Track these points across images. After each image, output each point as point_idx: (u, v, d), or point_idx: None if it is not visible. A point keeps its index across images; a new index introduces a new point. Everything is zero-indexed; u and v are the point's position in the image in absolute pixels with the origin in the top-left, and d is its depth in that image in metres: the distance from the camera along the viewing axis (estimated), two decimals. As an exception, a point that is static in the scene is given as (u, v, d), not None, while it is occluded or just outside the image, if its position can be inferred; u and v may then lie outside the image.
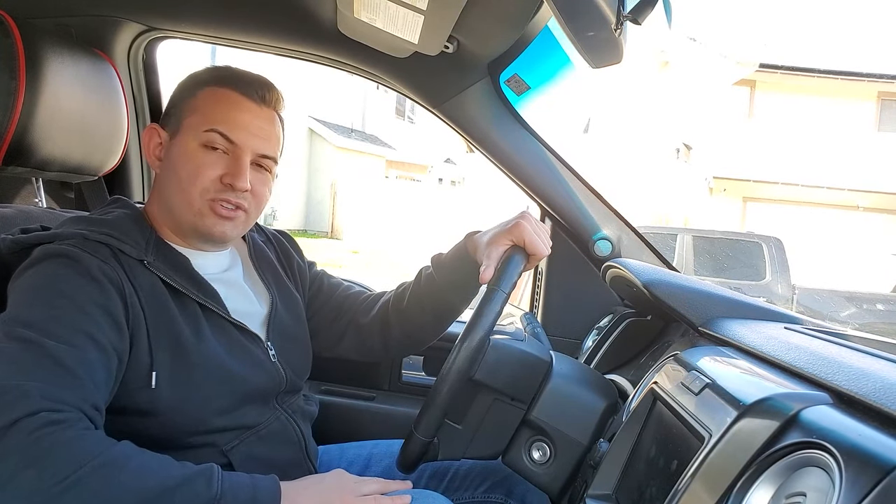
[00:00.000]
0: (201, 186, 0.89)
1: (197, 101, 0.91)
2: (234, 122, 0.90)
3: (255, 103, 0.93)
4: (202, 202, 0.89)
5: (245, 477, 0.74)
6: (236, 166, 0.89)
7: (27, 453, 0.62)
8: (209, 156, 0.89)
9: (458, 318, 1.13)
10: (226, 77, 0.93)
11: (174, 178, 0.90)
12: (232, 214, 0.91)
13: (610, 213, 1.46)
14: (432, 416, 0.88)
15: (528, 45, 1.32)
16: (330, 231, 15.53)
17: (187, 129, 0.90)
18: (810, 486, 0.52)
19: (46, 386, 0.67)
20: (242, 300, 0.97)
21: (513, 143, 1.43)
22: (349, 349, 1.15)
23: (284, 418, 0.96)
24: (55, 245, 0.81)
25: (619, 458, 0.86)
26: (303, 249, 1.18)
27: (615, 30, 0.76)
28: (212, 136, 0.89)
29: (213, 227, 0.90)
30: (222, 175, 0.89)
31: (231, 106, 0.91)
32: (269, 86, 0.95)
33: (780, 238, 6.45)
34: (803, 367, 0.69)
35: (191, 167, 0.89)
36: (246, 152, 0.90)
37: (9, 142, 0.96)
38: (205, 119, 0.90)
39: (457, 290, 1.07)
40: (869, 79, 13.16)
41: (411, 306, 1.10)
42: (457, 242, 1.06)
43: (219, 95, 0.91)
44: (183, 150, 0.90)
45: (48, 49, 1.01)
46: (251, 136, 0.91)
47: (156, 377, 0.81)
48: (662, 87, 12.75)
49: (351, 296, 1.16)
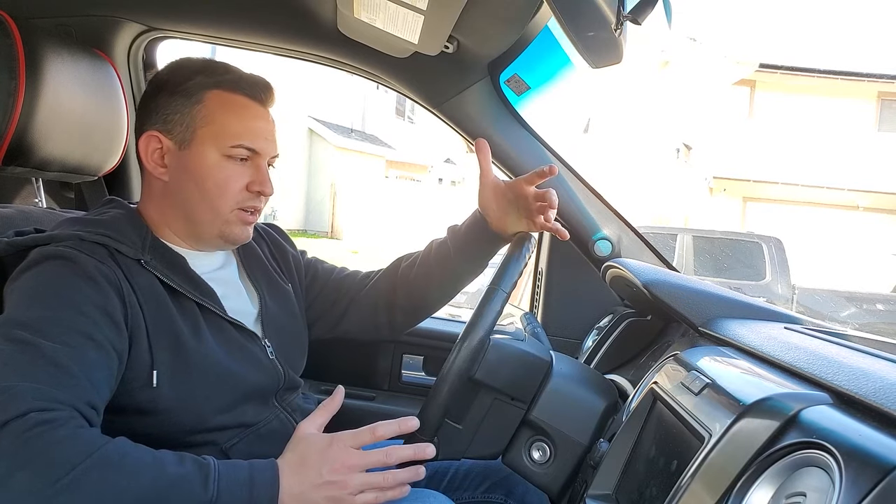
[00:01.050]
0: (232, 198, 0.91)
1: (207, 110, 0.90)
2: (253, 131, 0.92)
3: (263, 106, 0.94)
4: (231, 211, 0.91)
5: (243, 471, 0.72)
6: (260, 174, 0.93)
7: (18, 456, 0.61)
8: (236, 167, 0.91)
9: (461, 289, 1.14)
10: (232, 81, 0.92)
11: (196, 190, 0.90)
12: (254, 219, 0.95)
13: (610, 213, 1.46)
14: (432, 416, 0.88)
15: (528, 45, 1.32)
16: (330, 231, 15.53)
17: (205, 141, 0.89)
18: (810, 486, 0.52)
19: (40, 386, 0.66)
20: (238, 298, 0.97)
21: (513, 143, 1.43)
22: (352, 326, 1.15)
23: (284, 416, 0.96)
24: (52, 247, 0.81)
25: (619, 458, 0.86)
26: (302, 249, 1.18)
27: (615, 30, 0.76)
28: (238, 150, 0.90)
29: (241, 233, 0.94)
30: (248, 183, 0.92)
31: (245, 114, 0.92)
32: (269, 86, 0.96)
33: (780, 238, 6.45)
34: (803, 367, 0.69)
35: (219, 179, 0.90)
36: (265, 158, 0.94)
37: (8, 142, 0.96)
38: (226, 131, 0.90)
39: (467, 259, 1.09)
40: (869, 79, 13.16)
41: (419, 275, 1.11)
42: (471, 214, 1.08)
43: (230, 102, 0.91)
44: (203, 161, 0.89)
45: (48, 49, 1.01)
46: (267, 142, 0.94)
47: (157, 376, 0.81)
48: (662, 87, 12.74)
49: (349, 276, 1.17)
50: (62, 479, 0.61)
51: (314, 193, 15.71)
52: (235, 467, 0.72)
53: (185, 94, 0.90)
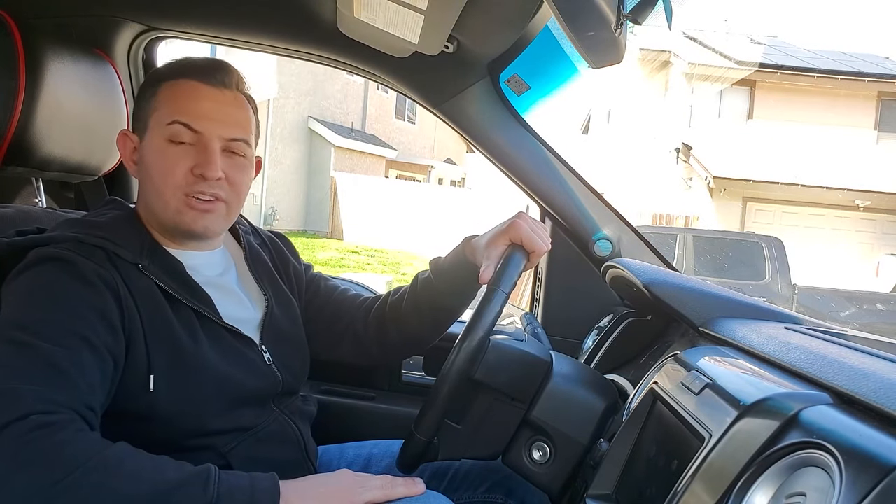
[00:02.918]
0: (173, 182, 0.87)
1: (157, 100, 0.90)
2: (195, 110, 0.88)
3: (216, 88, 0.90)
4: (177, 198, 0.88)
5: (244, 479, 0.72)
6: (204, 155, 0.87)
7: (18, 457, 0.61)
8: (176, 150, 0.87)
9: (456, 320, 1.13)
10: (182, 68, 0.92)
11: (149, 180, 0.90)
12: (209, 207, 0.89)
13: (610, 213, 1.46)
14: (432, 416, 0.88)
15: (528, 45, 1.32)
16: (330, 231, 15.52)
17: (153, 128, 0.90)
18: (810, 486, 0.52)
19: (39, 388, 0.66)
20: (236, 305, 0.97)
21: (513, 143, 1.43)
22: (346, 353, 1.14)
23: (283, 419, 0.96)
24: (50, 248, 0.81)
25: (619, 458, 0.86)
26: (303, 249, 1.18)
27: (615, 30, 0.76)
28: (175, 128, 0.87)
29: (193, 222, 0.89)
30: (192, 167, 0.87)
31: (190, 95, 0.89)
32: (226, 68, 0.93)
33: (780, 238, 6.45)
34: (803, 367, 0.69)
35: (161, 164, 0.88)
36: (213, 139, 0.88)
37: (9, 142, 0.96)
38: (167, 113, 0.88)
39: (455, 295, 1.07)
40: (869, 79, 13.16)
41: (408, 311, 1.09)
42: (455, 247, 1.06)
43: (177, 88, 0.90)
44: (151, 149, 0.89)
45: (48, 49, 1.01)
46: (215, 121, 0.88)
47: (154, 380, 0.81)
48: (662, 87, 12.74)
49: (348, 299, 1.16)
50: (61, 481, 0.61)
51: (314, 193, 15.71)
52: (236, 475, 0.72)
53: (146, 91, 0.93)
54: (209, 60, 0.93)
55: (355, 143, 15.99)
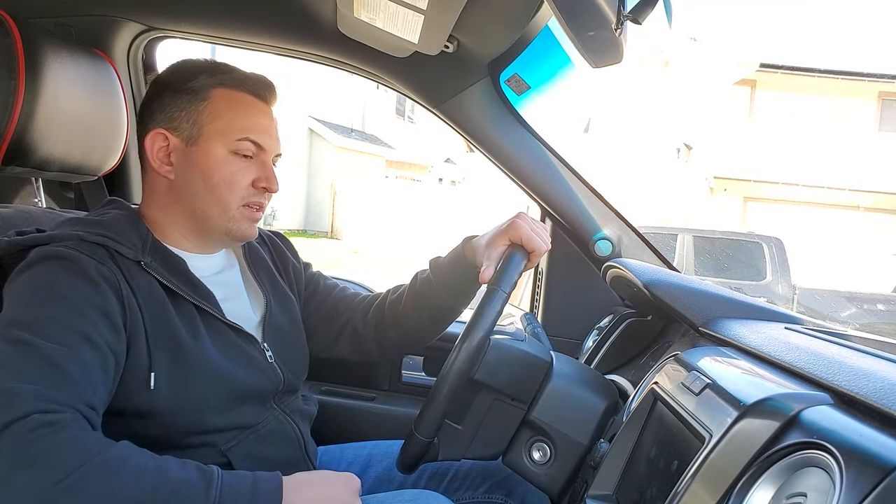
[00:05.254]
0: (239, 193, 0.92)
1: (213, 106, 0.91)
2: (259, 127, 0.93)
3: (267, 104, 0.96)
4: (238, 208, 0.92)
5: (247, 479, 0.71)
6: (266, 170, 0.94)
7: (20, 456, 0.61)
8: (242, 163, 0.92)
9: (455, 319, 1.12)
10: (236, 79, 0.93)
11: (204, 185, 0.90)
12: (260, 215, 0.96)
13: (610, 213, 1.46)
14: (432, 417, 0.88)
15: (528, 44, 1.32)
16: (330, 231, 15.53)
17: (212, 136, 0.90)
18: (811, 486, 0.52)
19: (40, 387, 0.66)
20: (238, 302, 0.97)
21: (513, 143, 1.43)
22: (345, 350, 1.14)
23: (283, 418, 0.96)
24: (51, 247, 0.81)
25: (619, 458, 0.86)
26: (302, 249, 1.18)
27: (615, 30, 0.76)
28: (245, 144, 0.91)
29: (247, 230, 0.94)
30: (254, 180, 0.93)
31: (252, 111, 0.93)
32: (271, 85, 0.97)
33: (780, 238, 6.45)
34: (804, 367, 0.69)
35: (226, 174, 0.91)
36: (271, 155, 0.95)
37: (8, 142, 0.96)
38: (232, 126, 0.91)
39: (454, 295, 1.07)
40: (869, 79, 13.16)
41: (407, 310, 1.10)
42: (454, 247, 1.06)
43: (236, 100, 0.92)
44: (211, 156, 0.90)
45: (48, 49, 1.01)
46: (272, 139, 0.95)
47: (154, 378, 0.81)
48: (662, 87, 12.74)
49: (347, 297, 1.16)
50: (63, 480, 0.61)
51: (314, 193, 15.73)
52: (239, 476, 0.72)
53: (190, 92, 0.91)
54: (260, 76, 0.97)
55: (355, 142, 15.99)
